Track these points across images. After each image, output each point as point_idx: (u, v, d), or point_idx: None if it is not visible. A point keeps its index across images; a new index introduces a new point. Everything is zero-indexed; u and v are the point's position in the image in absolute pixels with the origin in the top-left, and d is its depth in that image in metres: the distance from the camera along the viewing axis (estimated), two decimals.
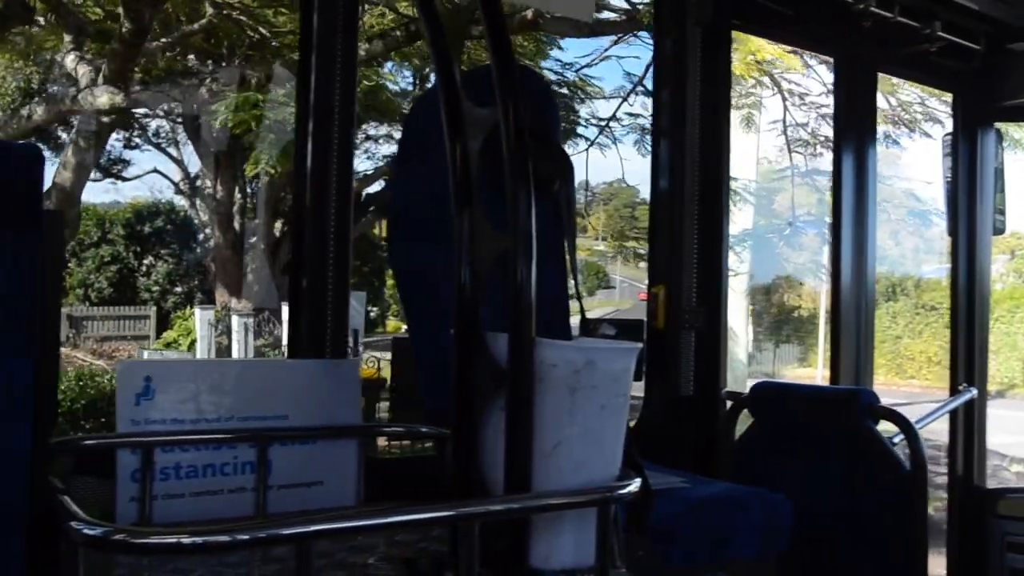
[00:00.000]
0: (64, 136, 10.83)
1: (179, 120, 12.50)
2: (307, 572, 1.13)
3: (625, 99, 12.75)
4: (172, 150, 15.47)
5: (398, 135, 14.07)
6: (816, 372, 18.49)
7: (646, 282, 3.13)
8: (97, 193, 18.10)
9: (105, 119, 10.39)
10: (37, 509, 1.26)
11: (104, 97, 9.77)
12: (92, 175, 14.58)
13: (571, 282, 1.62)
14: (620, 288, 29.36)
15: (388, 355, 11.20)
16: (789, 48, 10.52)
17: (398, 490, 1.96)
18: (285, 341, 12.80)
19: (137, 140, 15.25)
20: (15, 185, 1.26)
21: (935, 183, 4.05)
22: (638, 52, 12.94)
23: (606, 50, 12.69)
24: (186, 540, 1.08)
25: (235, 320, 13.55)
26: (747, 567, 2.18)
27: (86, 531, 1.09)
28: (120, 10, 9.65)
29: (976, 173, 3.84)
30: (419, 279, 1.78)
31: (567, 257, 1.60)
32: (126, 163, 15.65)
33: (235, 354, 12.93)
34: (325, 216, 2.30)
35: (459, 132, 1.38)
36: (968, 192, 3.84)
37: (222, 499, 1.76)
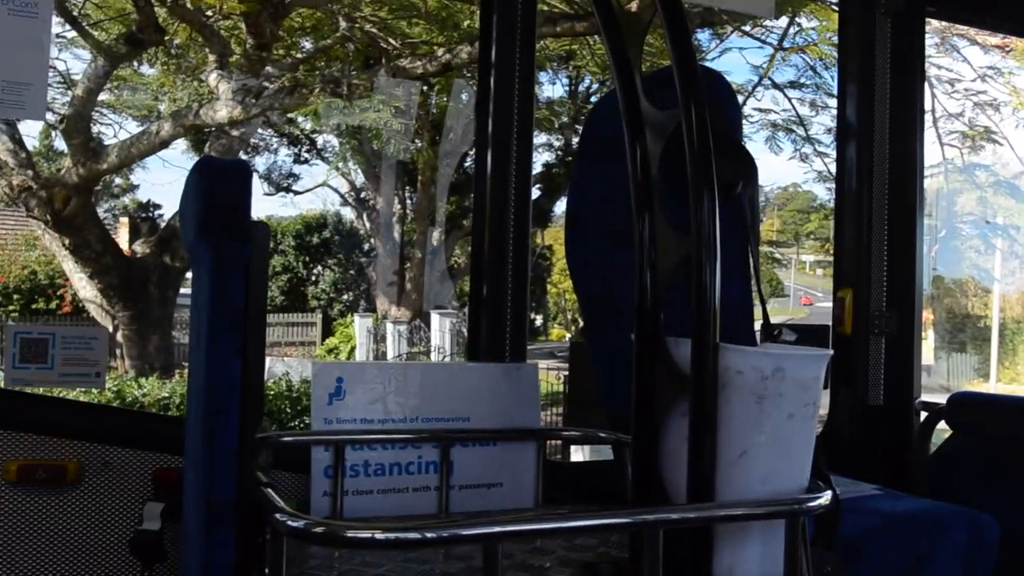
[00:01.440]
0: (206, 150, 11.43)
1: (343, 135, 13.01)
2: (495, 572, 1.15)
3: (751, 93, 11.89)
4: (340, 164, 16.13)
5: (556, 142, 14.12)
6: (990, 386, 16.97)
7: (817, 290, 3.00)
8: (275, 207, 19.14)
9: (234, 132, 10.89)
10: (243, 500, 1.34)
11: (223, 111, 10.26)
12: (265, 189, 15.52)
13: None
14: (794, 296, 28.29)
15: (543, 363, 11.13)
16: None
17: (576, 494, 1.96)
18: (434, 347, 13.01)
19: (306, 155, 15.97)
20: (226, 199, 1.36)
21: None
22: (758, 43, 12.08)
23: (723, 39, 11.85)
24: (379, 536, 1.13)
25: (388, 327, 13.95)
26: None
27: (290, 523, 1.16)
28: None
29: None
30: (597, 281, 1.77)
31: (750, 262, 1.55)
32: (296, 177, 16.44)
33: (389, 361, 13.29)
34: (504, 221, 2.34)
35: (639, 135, 1.37)
36: None
37: (407, 497, 1.83)
